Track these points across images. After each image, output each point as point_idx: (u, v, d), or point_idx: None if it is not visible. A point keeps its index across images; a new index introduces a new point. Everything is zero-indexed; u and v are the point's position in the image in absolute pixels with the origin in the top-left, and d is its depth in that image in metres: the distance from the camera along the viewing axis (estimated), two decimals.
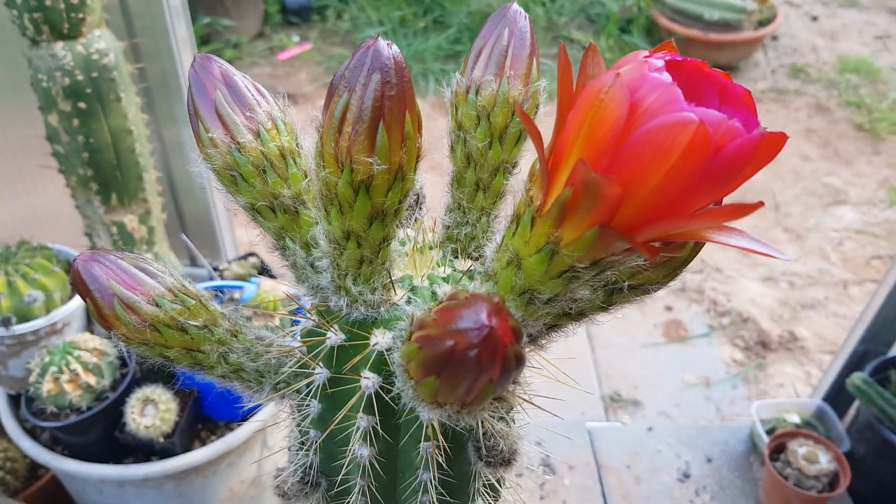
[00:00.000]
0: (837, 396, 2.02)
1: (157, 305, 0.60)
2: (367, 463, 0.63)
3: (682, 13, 3.91)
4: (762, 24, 3.93)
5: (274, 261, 2.37)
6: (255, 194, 0.58)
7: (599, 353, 2.49)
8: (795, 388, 2.34)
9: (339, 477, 0.66)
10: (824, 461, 1.81)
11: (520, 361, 0.40)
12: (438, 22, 4.20)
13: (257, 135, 0.57)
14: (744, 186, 0.43)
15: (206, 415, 1.52)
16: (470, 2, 4.17)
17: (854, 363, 1.94)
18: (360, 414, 0.60)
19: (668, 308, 2.65)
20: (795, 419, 2.02)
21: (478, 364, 0.39)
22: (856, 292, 2.68)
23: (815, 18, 4.43)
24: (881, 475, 1.81)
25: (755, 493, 1.98)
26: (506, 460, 0.62)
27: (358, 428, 0.60)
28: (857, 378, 1.78)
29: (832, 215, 3.03)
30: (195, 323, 0.61)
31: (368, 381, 0.58)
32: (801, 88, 3.79)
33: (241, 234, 2.26)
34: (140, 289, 0.59)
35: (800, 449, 1.84)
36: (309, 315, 0.66)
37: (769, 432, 1.98)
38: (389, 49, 0.48)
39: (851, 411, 2.00)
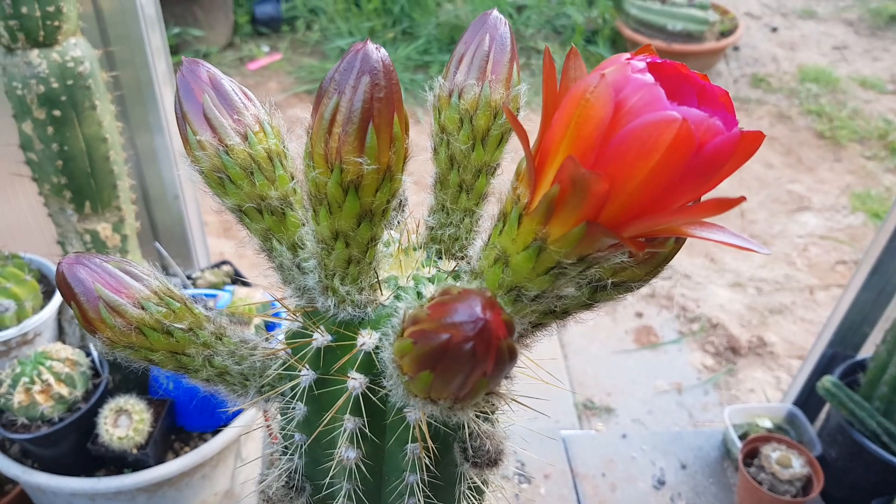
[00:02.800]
0: (808, 400, 2.06)
1: (143, 308, 0.60)
2: (354, 466, 0.63)
3: (646, 24, 3.99)
4: (724, 34, 4.02)
5: (251, 266, 2.36)
6: (242, 196, 0.58)
7: (572, 361, 2.51)
8: (766, 394, 2.39)
9: (325, 481, 0.66)
10: (797, 465, 1.84)
11: (513, 355, 0.41)
12: (407, 33, 4.22)
13: (245, 137, 0.57)
14: (710, 193, 0.45)
15: (180, 425, 1.50)
16: (438, 14, 4.20)
17: (823, 367, 1.98)
18: (347, 416, 0.60)
19: (639, 314, 2.68)
20: (767, 424, 2.06)
21: (473, 357, 0.39)
22: (822, 297, 2.75)
23: (774, 30, 4.54)
24: (853, 478, 1.84)
25: (730, 499, 2.00)
26: (492, 461, 0.63)
27: (345, 430, 0.61)
28: (827, 381, 1.82)
29: (796, 222, 3.10)
30: (180, 326, 0.61)
31: (356, 381, 0.59)
32: (763, 98, 3.88)
33: (212, 243, 2.24)
34: (125, 292, 0.59)
35: (773, 454, 1.87)
36: (289, 319, 0.66)
37: (742, 437, 2.01)
38: (378, 52, 0.49)
39: (822, 415, 2.04)
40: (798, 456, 1.86)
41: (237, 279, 1.66)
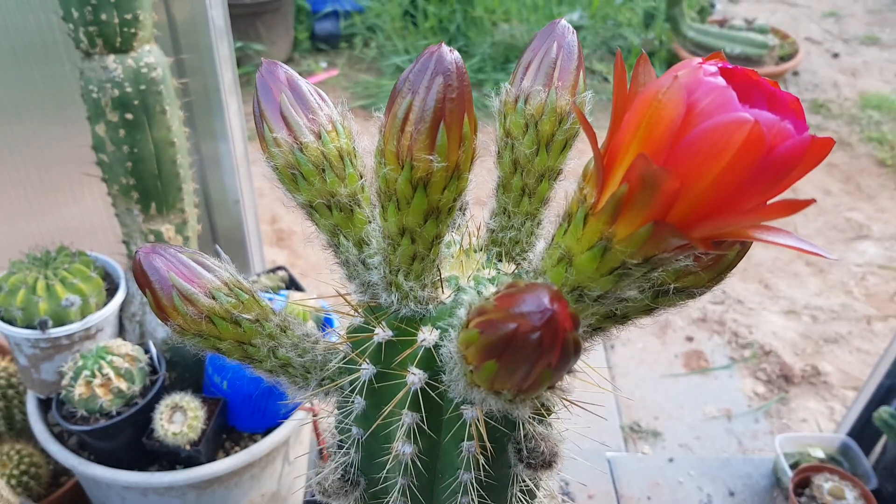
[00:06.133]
0: (863, 432, 2.00)
1: (214, 298, 0.62)
2: (409, 461, 0.64)
3: (704, 47, 3.95)
4: (783, 59, 3.96)
5: (301, 275, 2.39)
6: (313, 192, 0.60)
7: (619, 383, 2.48)
8: (819, 424, 2.32)
9: (380, 475, 0.68)
10: (851, 498, 1.78)
11: (577, 348, 0.42)
12: (462, 51, 4.27)
13: (318, 136, 0.60)
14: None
15: (231, 425, 1.54)
16: (493, 33, 4.24)
17: (879, 398, 1.93)
18: (405, 410, 0.62)
19: (689, 339, 2.64)
20: (820, 454, 2.00)
21: (539, 347, 0.40)
22: (879, 328, 2.67)
23: (836, 55, 4.46)
24: None
25: None
26: (547, 462, 0.63)
27: (403, 424, 0.62)
28: (885, 412, 1.76)
29: (855, 250, 3.03)
30: (248, 316, 0.63)
31: (415, 377, 0.60)
32: (823, 124, 3.80)
33: (265, 252, 2.28)
34: (198, 281, 0.62)
35: (825, 484, 1.82)
36: (352, 315, 0.68)
37: (793, 466, 1.96)
38: (451, 55, 0.51)
39: (878, 448, 1.98)
40: (852, 488, 1.80)
41: (291, 284, 1.70)
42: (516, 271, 0.64)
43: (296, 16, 4.29)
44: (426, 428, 0.62)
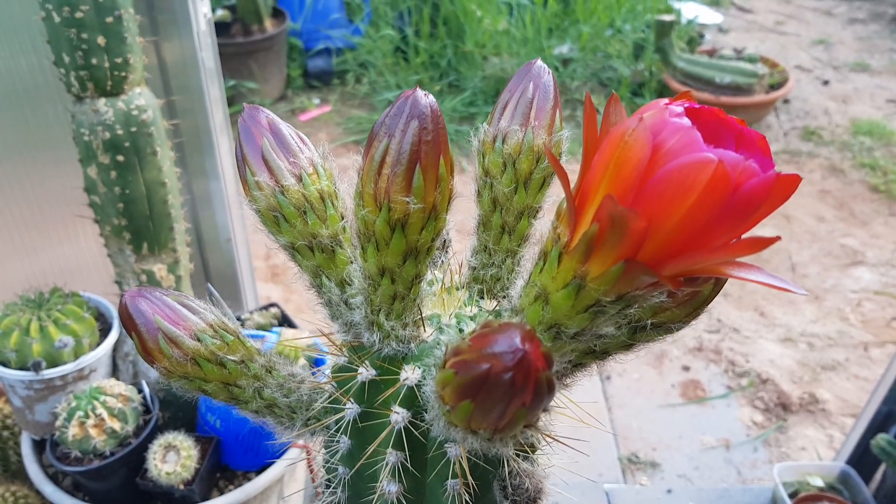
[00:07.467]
0: (862, 459, 1.99)
1: (199, 340, 0.62)
2: (395, 500, 0.64)
3: (694, 77, 4.00)
4: (773, 87, 4.01)
5: (296, 311, 2.39)
6: (295, 234, 0.61)
7: (616, 414, 2.47)
8: (818, 452, 2.31)
9: None
10: None
11: (551, 387, 0.42)
12: (454, 86, 4.32)
13: (299, 179, 0.61)
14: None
15: (225, 464, 1.53)
16: (484, 67, 4.29)
17: (878, 425, 1.92)
18: (390, 449, 0.62)
19: (686, 368, 2.64)
20: (819, 482, 1.99)
21: (512, 387, 0.41)
22: (877, 354, 2.66)
23: (826, 83, 4.51)
24: None
25: None
26: (531, 499, 0.63)
27: (387, 463, 0.62)
28: (882, 440, 1.76)
29: (850, 276, 3.03)
30: (233, 358, 0.64)
31: (398, 415, 0.60)
32: (814, 150, 3.84)
33: (259, 288, 2.29)
34: (183, 324, 0.62)
35: None
36: (335, 354, 0.68)
37: (792, 496, 1.94)
38: (426, 99, 0.52)
39: (878, 476, 1.96)
40: None
41: (284, 321, 1.70)
42: (497, 308, 0.65)
43: (288, 53, 4.35)
44: (410, 466, 0.62)
